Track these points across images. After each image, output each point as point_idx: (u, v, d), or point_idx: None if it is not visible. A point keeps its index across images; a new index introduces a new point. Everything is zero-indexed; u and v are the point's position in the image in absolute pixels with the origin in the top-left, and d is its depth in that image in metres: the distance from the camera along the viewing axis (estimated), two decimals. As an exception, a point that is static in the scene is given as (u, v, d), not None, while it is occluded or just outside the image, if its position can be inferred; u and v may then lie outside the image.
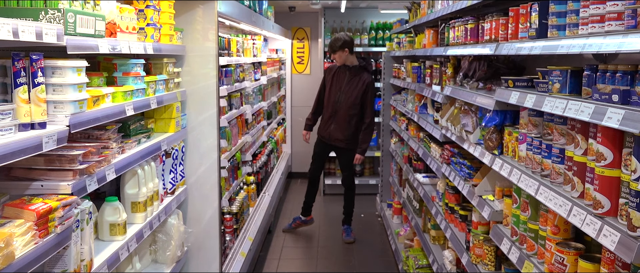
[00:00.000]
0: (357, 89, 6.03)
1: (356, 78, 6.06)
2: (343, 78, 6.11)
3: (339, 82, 6.11)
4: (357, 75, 6.07)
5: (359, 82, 6.04)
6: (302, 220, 6.64)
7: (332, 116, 6.15)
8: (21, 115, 1.94)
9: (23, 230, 1.86)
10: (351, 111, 6.04)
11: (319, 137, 6.37)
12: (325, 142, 6.30)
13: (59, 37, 1.99)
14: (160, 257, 3.47)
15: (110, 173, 2.52)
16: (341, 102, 6.09)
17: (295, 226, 6.64)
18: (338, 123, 6.10)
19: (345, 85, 6.08)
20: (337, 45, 6.05)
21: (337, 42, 6.06)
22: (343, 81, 6.09)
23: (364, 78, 6.05)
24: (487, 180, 3.09)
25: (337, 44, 6.05)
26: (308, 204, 6.61)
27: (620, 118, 1.61)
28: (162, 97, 3.27)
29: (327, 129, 6.21)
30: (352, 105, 6.03)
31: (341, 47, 6.04)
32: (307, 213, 6.63)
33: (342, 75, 6.13)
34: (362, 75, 6.07)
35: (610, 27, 1.76)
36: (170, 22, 3.38)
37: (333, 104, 6.13)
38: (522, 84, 2.60)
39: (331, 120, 6.16)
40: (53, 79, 2.16)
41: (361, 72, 6.08)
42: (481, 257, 3.09)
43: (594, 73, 1.98)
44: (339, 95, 6.10)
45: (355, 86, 6.04)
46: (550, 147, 2.21)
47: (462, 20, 3.51)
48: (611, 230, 1.67)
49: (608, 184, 1.77)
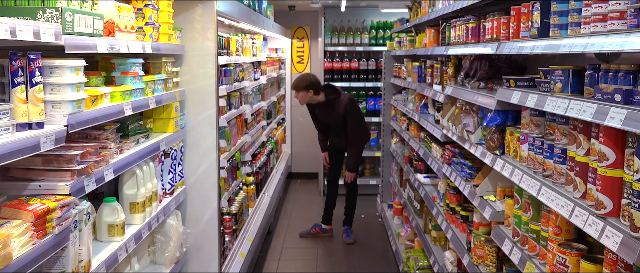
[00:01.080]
0: (337, 116, 6.11)
1: (332, 109, 6.12)
2: (322, 111, 6.25)
3: (321, 114, 6.31)
4: (332, 106, 6.11)
5: (337, 109, 6.07)
6: (323, 228, 6.52)
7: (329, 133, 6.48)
8: (19, 115, 1.94)
9: (21, 231, 1.85)
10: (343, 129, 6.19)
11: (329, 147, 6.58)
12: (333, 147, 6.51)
13: (56, 36, 1.99)
14: (159, 258, 3.45)
15: (109, 174, 2.51)
16: (331, 127, 6.36)
17: (314, 233, 6.51)
18: (336, 136, 6.37)
19: (327, 117, 6.23)
20: (301, 85, 5.98)
21: (301, 83, 5.98)
22: (323, 114, 6.26)
23: (337, 104, 6.06)
24: (489, 180, 3.08)
25: (301, 84, 5.97)
26: (328, 211, 6.56)
27: (622, 118, 1.60)
28: (161, 96, 3.26)
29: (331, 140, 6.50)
30: (341, 127, 6.19)
31: (306, 87, 5.97)
32: (328, 222, 6.56)
33: (320, 110, 6.27)
34: (335, 103, 6.08)
35: (612, 26, 1.75)
36: (169, 21, 3.37)
37: (325, 128, 6.45)
38: (523, 83, 2.58)
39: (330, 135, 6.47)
40: (51, 78, 2.16)
41: (333, 101, 6.09)
42: (482, 258, 3.08)
43: (596, 72, 1.97)
44: (326, 123, 6.36)
45: (334, 114, 6.11)
46: (552, 147, 2.20)
47: (463, 19, 3.50)
48: (613, 231, 1.66)
49: (610, 185, 1.76)
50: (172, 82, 3.54)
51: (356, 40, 8.38)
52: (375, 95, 8.32)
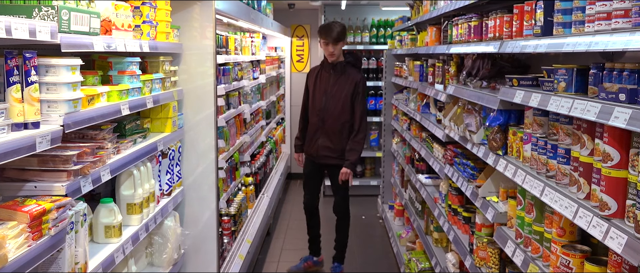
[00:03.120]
0: (345, 90, 5.03)
1: (343, 77, 5.06)
2: (328, 79, 5.10)
3: (323, 85, 5.11)
4: (344, 74, 5.07)
5: (347, 81, 5.05)
6: (315, 261, 5.51)
7: (319, 128, 5.12)
8: (14, 115, 1.93)
9: (16, 233, 1.84)
10: (342, 118, 5.05)
11: (306, 156, 5.34)
12: (315, 162, 5.26)
13: (52, 34, 1.98)
14: (157, 259, 3.44)
15: (106, 174, 2.49)
16: (329, 108, 5.07)
17: (305, 267, 5.47)
18: (327, 135, 5.09)
19: (332, 87, 5.07)
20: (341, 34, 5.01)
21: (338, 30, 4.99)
22: (328, 83, 5.09)
23: (352, 76, 5.06)
24: (491, 181, 3.07)
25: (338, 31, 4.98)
26: (314, 241, 5.53)
27: (627, 118, 1.60)
28: (159, 96, 3.25)
29: (314, 145, 5.18)
30: (341, 110, 5.04)
31: (343, 37, 5.04)
32: (317, 253, 5.54)
33: (326, 76, 5.12)
34: (350, 73, 5.08)
35: (617, 24, 1.75)
36: (166, 20, 3.36)
37: (319, 112, 5.11)
38: (526, 82, 2.58)
39: (318, 133, 5.13)
40: (47, 77, 2.15)
41: (348, 69, 5.09)
42: (485, 259, 3.07)
43: (601, 71, 1.96)
44: (325, 101, 5.09)
45: (343, 87, 5.04)
46: (555, 147, 2.19)
47: (465, 18, 3.49)
48: (618, 232, 1.66)
49: (615, 185, 1.75)
50: (169, 81, 3.52)
51: (357, 38, 8.35)
52: (376, 94, 8.30)
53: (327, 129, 5.09)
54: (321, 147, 5.12)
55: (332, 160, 5.11)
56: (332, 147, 5.09)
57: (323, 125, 5.10)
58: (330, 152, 5.10)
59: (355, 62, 5.19)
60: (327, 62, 5.12)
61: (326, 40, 5.00)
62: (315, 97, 5.15)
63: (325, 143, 5.10)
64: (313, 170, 5.30)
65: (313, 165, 5.27)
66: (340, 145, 5.07)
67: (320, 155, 5.15)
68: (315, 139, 5.16)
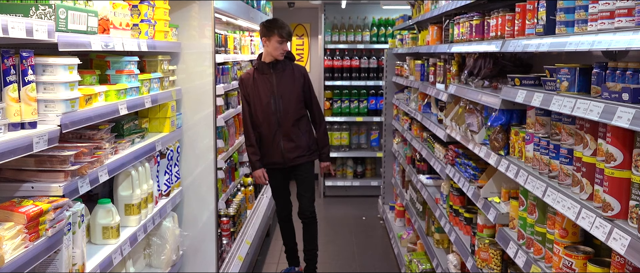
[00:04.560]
0: (296, 85, 4.74)
1: (288, 72, 4.75)
2: (269, 80, 4.70)
3: (266, 88, 4.69)
4: (287, 69, 4.75)
5: (294, 75, 4.76)
6: (296, 272, 5.24)
7: (277, 131, 4.73)
8: (11, 115, 1.92)
9: (13, 234, 1.84)
10: (298, 114, 4.76)
11: (268, 167, 4.89)
12: (280, 168, 4.88)
13: (49, 33, 1.98)
14: (155, 261, 3.43)
15: (103, 175, 2.48)
16: (283, 108, 4.71)
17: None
18: (288, 135, 4.74)
19: (278, 87, 4.70)
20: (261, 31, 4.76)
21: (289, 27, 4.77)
22: (272, 83, 4.70)
23: (297, 68, 4.80)
24: (493, 181, 3.05)
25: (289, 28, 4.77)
26: (292, 249, 5.27)
27: (630, 117, 1.59)
28: (157, 95, 3.24)
29: (276, 151, 4.78)
30: (296, 106, 4.74)
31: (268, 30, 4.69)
32: (296, 262, 5.28)
33: (265, 78, 4.71)
34: (293, 67, 4.79)
35: (620, 23, 1.74)
36: (165, 18, 3.35)
37: (271, 115, 4.70)
38: (529, 82, 2.57)
39: (277, 137, 4.74)
40: (44, 77, 2.14)
41: (288, 64, 4.78)
42: (487, 261, 3.06)
43: (604, 71, 1.95)
44: (275, 103, 4.70)
45: (292, 81, 4.74)
46: (558, 147, 2.19)
47: (467, 16, 3.48)
48: (621, 233, 1.65)
49: (618, 186, 1.74)
50: (168, 81, 3.51)
51: (357, 37, 8.33)
52: (377, 94, 8.28)
53: (287, 129, 4.74)
54: (287, 150, 4.77)
55: (303, 159, 4.83)
56: (299, 145, 4.79)
57: (280, 127, 4.73)
58: (299, 151, 4.80)
59: (290, 55, 4.86)
60: (263, 64, 4.72)
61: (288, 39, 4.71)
62: (263, 102, 4.70)
63: (290, 145, 4.77)
64: (280, 177, 4.98)
65: (281, 173, 4.94)
66: (304, 141, 4.80)
67: (289, 158, 4.79)
68: (275, 145, 4.76)
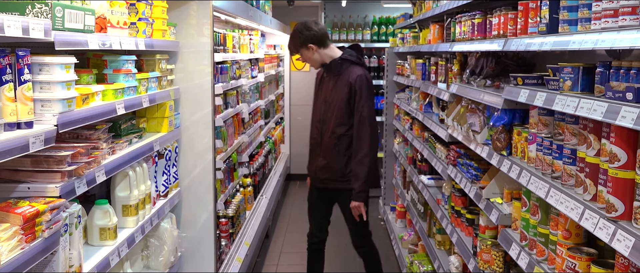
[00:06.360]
0: (339, 95, 4.03)
1: (340, 78, 4.07)
2: (328, 83, 4.17)
3: (323, 91, 4.20)
4: (341, 74, 4.08)
5: (342, 83, 4.04)
6: None
7: (318, 143, 4.19)
8: (7, 114, 1.90)
9: (8, 235, 1.82)
10: (337, 131, 4.05)
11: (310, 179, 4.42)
12: (317, 186, 4.32)
13: (46, 32, 1.96)
14: (153, 262, 3.41)
15: (100, 175, 2.47)
16: (326, 119, 4.12)
17: None
18: (324, 151, 4.13)
19: (329, 93, 4.12)
20: (298, 42, 4.14)
21: (296, 39, 4.14)
22: (328, 88, 4.15)
23: (347, 75, 4.04)
24: (495, 182, 3.04)
25: (297, 41, 4.13)
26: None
27: (634, 117, 1.58)
28: (155, 95, 3.22)
29: (313, 164, 4.28)
30: (336, 121, 4.04)
31: (303, 44, 4.11)
32: None
33: (326, 80, 4.20)
34: (346, 72, 4.06)
35: (624, 21, 1.72)
36: (163, 17, 3.33)
37: (317, 123, 4.19)
38: (531, 81, 2.56)
39: (317, 150, 4.21)
40: (40, 76, 2.12)
41: (345, 68, 4.08)
42: (489, 262, 3.05)
43: (607, 70, 1.94)
44: (324, 110, 4.15)
45: (338, 91, 4.04)
46: (561, 147, 2.18)
47: (469, 15, 3.46)
48: (625, 234, 1.64)
49: (622, 186, 1.74)
50: (166, 80, 3.49)
51: (358, 36, 8.32)
52: (377, 93, 8.27)
53: (326, 144, 4.12)
54: (318, 168, 4.19)
55: (334, 184, 4.15)
56: (331, 167, 4.11)
57: (322, 139, 4.15)
58: (329, 173, 4.13)
59: (354, 57, 4.13)
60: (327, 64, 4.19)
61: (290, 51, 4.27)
62: (316, 106, 4.26)
63: (322, 163, 4.14)
64: (316, 195, 4.36)
65: (318, 191, 4.33)
66: (337, 164, 4.08)
67: (318, 178, 4.22)
68: (314, 157, 4.26)
